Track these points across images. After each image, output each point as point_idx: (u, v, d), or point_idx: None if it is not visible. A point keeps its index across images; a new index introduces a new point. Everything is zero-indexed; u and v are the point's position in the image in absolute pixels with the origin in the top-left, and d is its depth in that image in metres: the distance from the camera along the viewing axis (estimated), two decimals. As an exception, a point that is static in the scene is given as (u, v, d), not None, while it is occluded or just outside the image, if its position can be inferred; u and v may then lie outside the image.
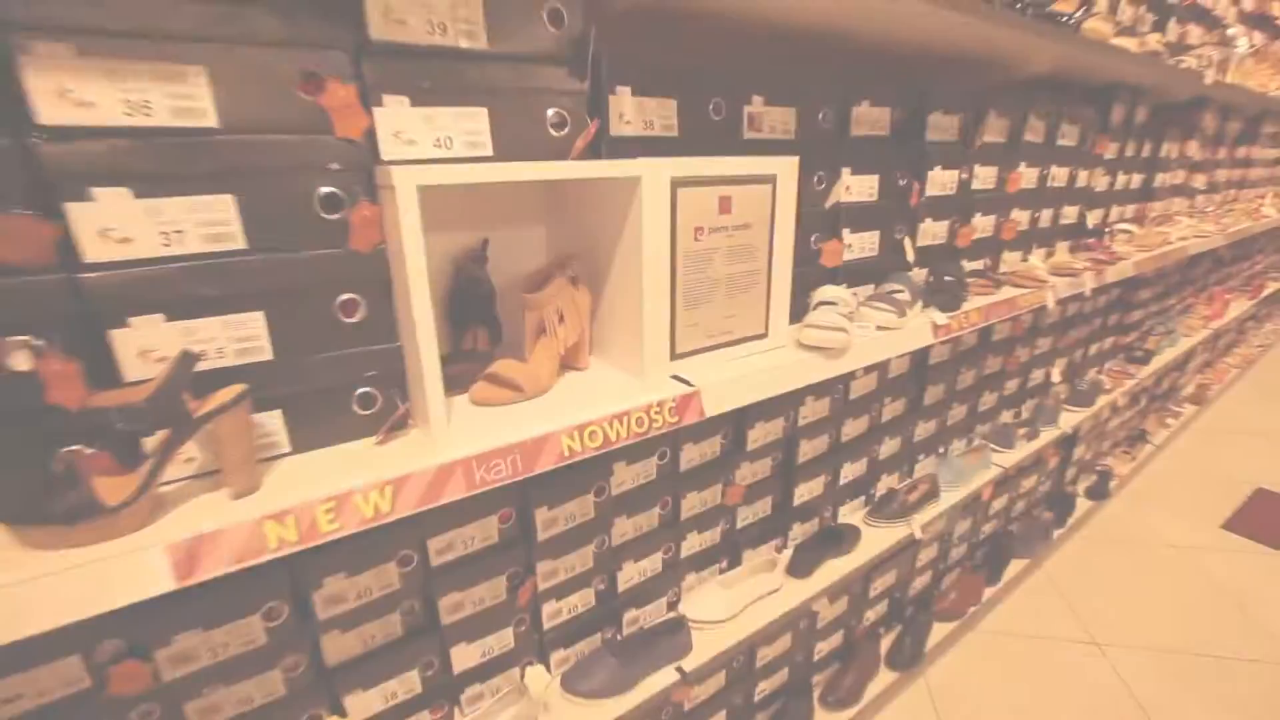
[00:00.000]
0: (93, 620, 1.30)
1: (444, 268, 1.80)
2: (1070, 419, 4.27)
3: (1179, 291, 5.71)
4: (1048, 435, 4.05)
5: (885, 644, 3.70)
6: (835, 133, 2.23)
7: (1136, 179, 4.01)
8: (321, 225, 1.29)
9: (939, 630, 3.84)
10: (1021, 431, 3.93)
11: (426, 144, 1.41)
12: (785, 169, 1.81)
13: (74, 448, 1.17)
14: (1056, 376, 4.25)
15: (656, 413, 1.63)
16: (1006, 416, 4.04)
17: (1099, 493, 5.20)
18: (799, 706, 3.17)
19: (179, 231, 1.16)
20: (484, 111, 1.47)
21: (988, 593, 4.16)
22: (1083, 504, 5.10)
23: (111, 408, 1.07)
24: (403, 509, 1.30)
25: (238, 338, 1.27)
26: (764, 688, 3.09)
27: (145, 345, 1.19)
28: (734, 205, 1.73)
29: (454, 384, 1.62)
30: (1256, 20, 4.76)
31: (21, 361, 1.09)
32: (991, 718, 3.45)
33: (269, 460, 1.37)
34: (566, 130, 1.60)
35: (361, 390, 1.44)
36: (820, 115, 2.14)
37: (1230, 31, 4.19)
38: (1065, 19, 2.48)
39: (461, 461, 1.36)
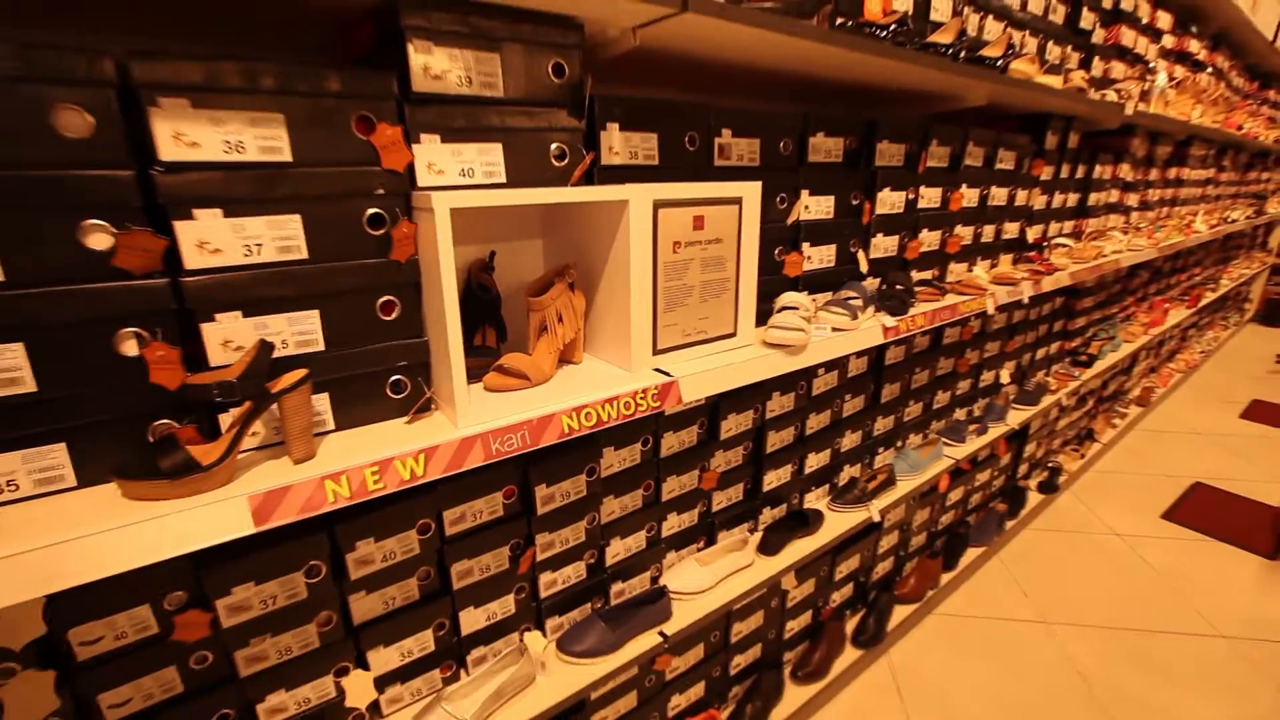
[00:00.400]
0: (165, 572, 1.56)
1: (458, 276, 2.06)
2: (1018, 417, 4.57)
3: (1120, 300, 6.06)
4: (996, 431, 4.35)
5: (850, 624, 3.97)
6: (795, 159, 2.51)
7: (1072, 198, 4.34)
8: (368, 240, 1.55)
9: (900, 612, 4.11)
10: (972, 427, 4.22)
11: (453, 174, 1.68)
12: (750, 192, 2.08)
13: (165, 420, 1.42)
14: (1005, 378, 4.56)
15: (641, 398, 1.89)
16: (959, 414, 4.34)
17: (1049, 487, 5.51)
18: (771, 679, 3.42)
19: (258, 244, 1.41)
20: (499, 146, 1.74)
21: (945, 578, 4.44)
22: (1034, 498, 5.40)
23: (210, 383, 1.32)
24: (433, 473, 1.55)
25: (298, 332, 1.52)
26: (739, 661, 3.34)
27: (227, 337, 1.44)
28: (706, 223, 2.00)
29: (468, 376, 1.88)
30: (1177, 56, 5.14)
31: (130, 349, 1.34)
32: (948, 691, 3.71)
33: (319, 436, 1.62)
34: (566, 161, 1.88)
35: (394, 378, 1.69)
36: (781, 144, 2.42)
37: (1152, 66, 4.54)
38: (993, 62, 2.78)
39: (480, 435, 1.61)
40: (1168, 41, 4.95)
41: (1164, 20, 4.78)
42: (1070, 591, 4.53)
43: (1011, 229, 3.78)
